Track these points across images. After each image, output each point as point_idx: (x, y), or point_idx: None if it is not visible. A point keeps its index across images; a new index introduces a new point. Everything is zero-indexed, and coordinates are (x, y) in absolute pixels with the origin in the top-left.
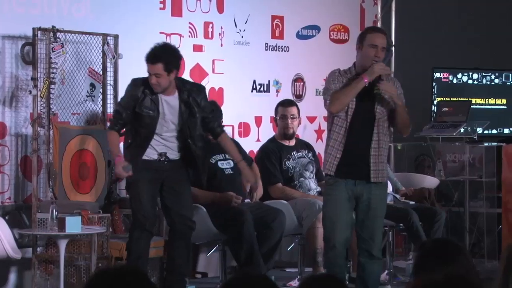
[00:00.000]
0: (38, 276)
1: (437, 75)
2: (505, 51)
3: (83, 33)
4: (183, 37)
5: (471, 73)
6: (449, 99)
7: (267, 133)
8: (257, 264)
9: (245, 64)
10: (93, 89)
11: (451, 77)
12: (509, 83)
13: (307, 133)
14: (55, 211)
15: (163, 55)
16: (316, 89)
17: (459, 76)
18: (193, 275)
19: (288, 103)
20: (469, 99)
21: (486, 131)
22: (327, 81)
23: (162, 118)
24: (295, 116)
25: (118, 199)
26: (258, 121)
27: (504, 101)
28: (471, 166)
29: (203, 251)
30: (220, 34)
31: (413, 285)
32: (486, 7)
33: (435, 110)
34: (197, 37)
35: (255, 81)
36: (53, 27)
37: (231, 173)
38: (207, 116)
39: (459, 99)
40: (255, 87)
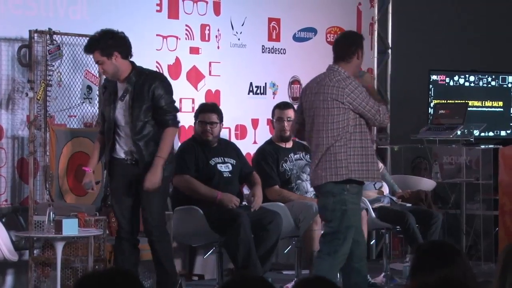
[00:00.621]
0: (34, 278)
1: (434, 77)
2: (502, 53)
3: (79, 35)
4: (180, 39)
5: (467, 75)
6: (446, 101)
7: (264, 135)
8: (254, 266)
9: (241, 66)
10: (90, 91)
11: (447, 79)
12: (505, 86)
13: None
14: (52, 213)
15: (96, 42)
16: None
17: (456, 78)
18: (190, 277)
19: (284, 105)
20: (466, 102)
21: (482, 134)
22: (359, 92)
23: (121, 107)
24: (292, 118)
25: None
26: (254, 123)
27: (500, 103)
28: (468, 168)
29: (200, 253)
30: (216, 36)
31: (409, 287)
32: (483, 9)
33: (432, 112)
34: (193, 40)
35: (251, 84)
36: (50, 29)
37: (229, 176)
38: (161, 106)
39: (456, 101)
40: (251, 89)
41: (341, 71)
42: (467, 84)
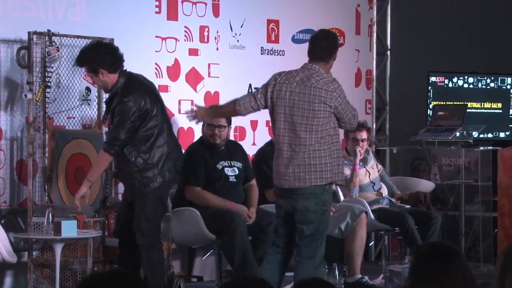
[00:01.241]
0: (33, 280)
1: (433, 79)
2: (501, 55)
3: (78, 37)
4: (179, 41)
5: (466, 77)
6: (445, 103)
7: (263, 137)
8: (251, 268)
9: (240, 68)
10: (89, 93)
11: (446, 81)
12: (504, 87)
13: None
14: (51, 215)
15: (83, 58)
16: None
17: (455, 80)
18: (189, 278)
19: None
20: (465, 103)
21: (481, 135)
22: (344, 96)
23: None
24: None
25: (113, 203)
26: (253, 125)
27: (499, 105)
28: (467, 170)
29: (198, 254)
30: (215, 38)
31: None
32: (482, 10)
33: (431, 114)
34: (192, 41)
35: (250, 85)
36: (49, 31)
37: (235, 181)
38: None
39: (455, 103)
40: (250, 91)
41: (321, 72)
42: (466, 85)
